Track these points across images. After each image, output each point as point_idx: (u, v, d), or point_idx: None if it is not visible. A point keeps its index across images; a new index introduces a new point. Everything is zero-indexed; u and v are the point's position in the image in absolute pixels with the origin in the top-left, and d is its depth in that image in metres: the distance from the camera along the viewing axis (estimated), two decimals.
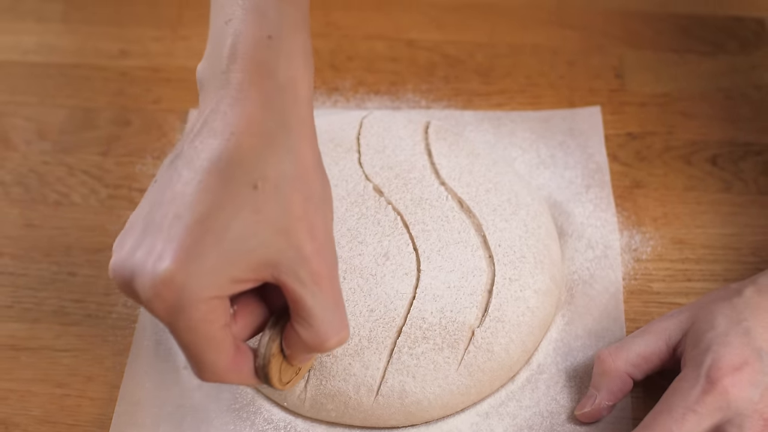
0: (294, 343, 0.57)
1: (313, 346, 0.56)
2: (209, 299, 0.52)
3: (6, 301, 0.76)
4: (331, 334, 0.56)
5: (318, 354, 0.61)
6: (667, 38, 0.92)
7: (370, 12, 0.96)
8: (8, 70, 0.93)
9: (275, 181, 0.54)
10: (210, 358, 0.54)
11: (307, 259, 0.54)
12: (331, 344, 0.56)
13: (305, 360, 0.59)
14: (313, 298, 0.55)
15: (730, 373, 0.59)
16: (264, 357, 0.57)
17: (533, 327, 0.69)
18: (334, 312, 0.56)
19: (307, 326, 0.55)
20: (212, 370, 0.55)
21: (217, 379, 0.56)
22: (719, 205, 0.79)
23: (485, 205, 0.73)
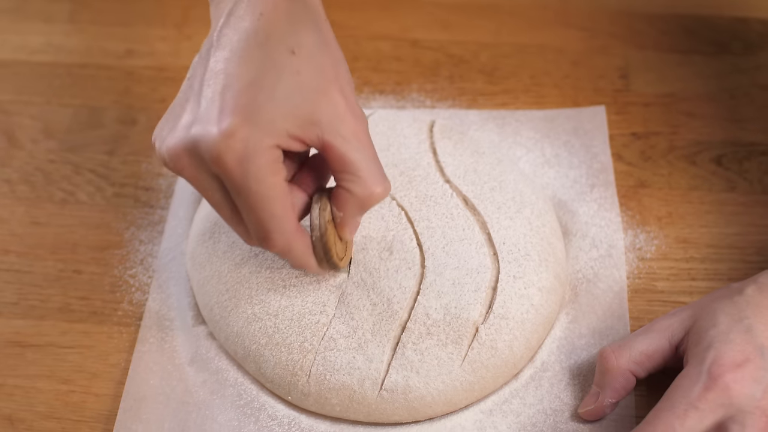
0: (345, 201, 0.62)
1: (363, 198, 0.61)
2: (271, 147, 0.58)
3: (12, 298, 0.76)
4: (377, 183, 0.61)
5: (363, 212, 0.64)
6: (671, 39, 0.92)
7: (375, 12, 0.96)
8: (15, 70, 0.93)
9: (309, 47, 0.60)
10: (279, 212, 0.59)
11: (344, 116, 0.60)
12: (378, 192, 0.61)
13: (354, 226, 0.64)
14: (357, 151, 0.60)
15: (731, 369, 0.59)
16: (320, 227, 0.62)
17: (537, 324, 0.69)
18: (375, 164, 0.62)
19: (355, 179, 0.61)
20: (282, 228, 0.60)
21: (286, 242, 0.61)
22: (723, 204, 0.79)
23: (490, 203, 0.73)
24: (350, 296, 0.69)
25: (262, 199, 0.58)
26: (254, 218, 0.60)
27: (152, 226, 0.80)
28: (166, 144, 0.60)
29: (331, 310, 0.68)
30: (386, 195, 0.62)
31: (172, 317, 0.74)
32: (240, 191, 0.58)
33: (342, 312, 0.68)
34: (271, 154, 0.58)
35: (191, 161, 0.59)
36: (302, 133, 0.59)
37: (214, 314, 0.71)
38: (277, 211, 0.59)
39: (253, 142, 0.57)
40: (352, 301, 0.68)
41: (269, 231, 0.60)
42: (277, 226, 0.60)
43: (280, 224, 0.60)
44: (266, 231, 0.60)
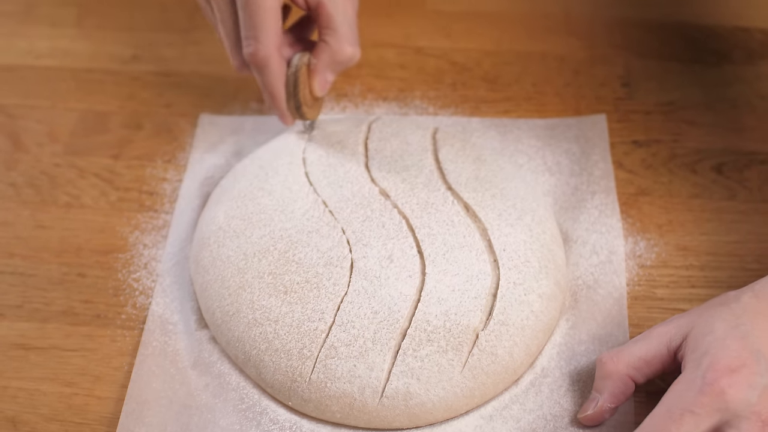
0: (321, 50, 0.76)
1: (335, 50, 0.75)
2: None
3: (16, 301, 0.77)
4: (350, 43, 0.75)
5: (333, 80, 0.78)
6: (673, 48, 0.93)
7: (379, 20, 0.97)
8: (21, 74, 0.94)
9: None
10: (267, 21, 0.72)
11: None
12: (349, 51, 0.75)
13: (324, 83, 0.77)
14: (341, 15, 0.75)
15: (727, 374, 0.59)
16: (296, 65, 0.75)
17: (537, 331, 0.70)
18: (353, 30, 0.76)
19: (333, 33, 0.75)
20: (264, 38, 0.72)
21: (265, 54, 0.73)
22: (724, 212, 0.80)
23: (491, 210, 0.74)
24: (351, 304, 0.69)
25: (256, 5, 0.71)
26: (246, 21, 0.72)
27: (156, 230, 0.81)
28: None
29: (329, 317, 0.69)
30: (354, 57, 0.76)
31: (176, 321, 0.74)
32: None
33: (343, 320, 0.68)
34: None
35: None
36: None
37: (215, 318, 0.71)
38: (265, 20, 0.72)
39: None
40: (353, 310, 0.69)
41: (255, 37, 0.72)
42: (262, 35, 0.72)
43: (266, 34, 0.72)
44: (254, 36, 0.72)
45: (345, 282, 0.70)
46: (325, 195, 0.75)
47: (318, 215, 0.74)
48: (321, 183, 0.76)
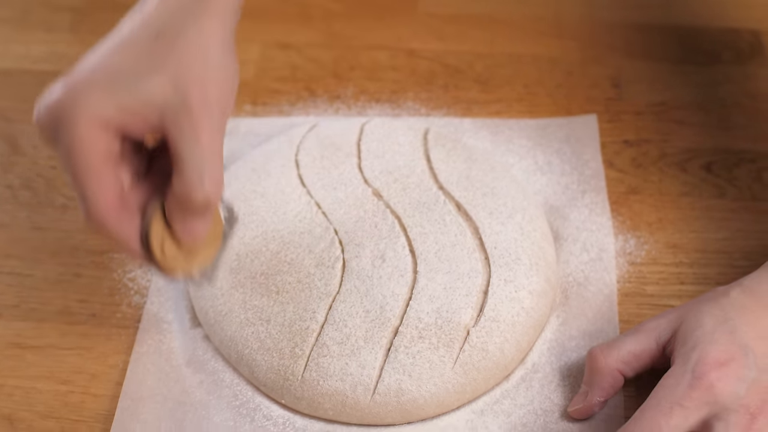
0: (169, 197, 0.60)
1: (180, 195, 0.59)
2: (92, 119, 0.57)
3: (13, 301, 0.77)
4: (198, 186, 0.58)
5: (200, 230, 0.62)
6: (663, 49, 0.93)
7: (371, 23, 0.98)
8: (18, 78, 0.95)
9: (174, 35, 0.59)
10: (90, 187, 0.58)
11: (191, 109, 0.58)
12: (197, 198, 0.58)
13: (185, 231, 0.61)
14: (189, 148, 0.58)
15: (715, 368, 0.60)
16: (147, 218, 0.61)
17: (528, 327, 0.70)
18: (206, 166, 0.58)
19: (179, 175, 0.58)
20: (92, 204, 0.58)
21: (98, 220, 0.59)
22: (713, 210, 0.80)
23: (482, 209, 0.74)
24: (344, 303, 0.70)
25: (73, 170, 0.58)
26: (69, 182, 0.59)
27: None
28: None
29: (321, 316, 0.69)
30: (210, 202, 0.59)
31: (170, 320, 0.75)
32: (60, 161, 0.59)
33: (335, 319, 0.69)
34: (90, 125, 0.57)
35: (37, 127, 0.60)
36: (142, 114, 0.58)
37: (209, 318, 0.72)
38: (87, 185, 0.58)
39: (70, 110, 0.57)
40: (345, 309, 0.69)
41: (82, 204, 0.59)
42: (88, 200, 0.58)
43: (91, 199, 0.58)
44: (81, 204, 0.59)
45: (337, 282, 0.71)
46: (319, 196, 0.76)
47: (310, 216, 0.75)
48: (314, 185, 0.77)
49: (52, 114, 0.57)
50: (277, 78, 0.93)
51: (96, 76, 0.58)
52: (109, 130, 0.58)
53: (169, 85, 0.58)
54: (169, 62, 0.58)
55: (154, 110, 0.58)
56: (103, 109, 0.57)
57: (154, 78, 0.58)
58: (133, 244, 0.61)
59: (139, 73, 0.58)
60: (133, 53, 0.59)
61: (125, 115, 0.58)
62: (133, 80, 0.58)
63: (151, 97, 0.58)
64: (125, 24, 0.61)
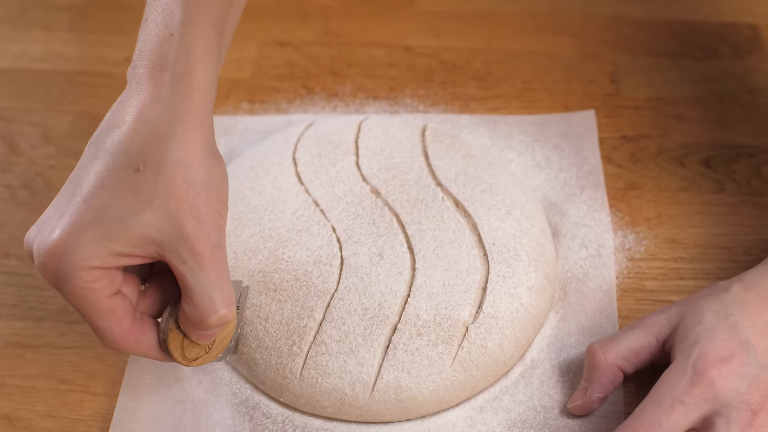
0: (182, 317, 0.62)
1: (196, 322, 0.61)
2: (90, 269, 0.57)
3: (12, 300, 0.77)
4: (211, 311, 0.60)
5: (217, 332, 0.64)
6: (661, 44, 0.93)
7: (368, 20, 0.98)
8: (15, 78, 0.95)
9: (155, 165, 0.59)
10: (102, 324, 0.60)
11: (188, 239, 0.58)
12: (212, 321, 0.60)
13: (202, 337, 0.63)
14: (194, 276, 0.59)
15: (716, 364, 0.60)
16: (163, 331, 0.63)
17: (526, 323, 0.70)
18: (215, 291, 0.59)
19: (189, 302, 0.60)
20: (108, 336, 0.60)
21: (116, 347, 0.61)
22: (712, 205, 0.80)
23: (480, 205, 0.74)
24: (342, 301, 0.70)
25: (82, 313, 0.59)
26: (88, 321, 0.60)
27: None
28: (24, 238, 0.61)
29: (318, 314, 0.69)
30: (225, 321, 0.61)
31: None
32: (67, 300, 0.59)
33: (333, 317, 0.69)
34: (88, 275, 0.57)
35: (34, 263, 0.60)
36: (140, 251, 0.58)
37: None
38: (99, 324, 0.60)
39: (66, 262, 0.57)
40: (343, 306, 0.69)
41: (99, 337, 0.61)
42: (103, 335, 0.60)
43: (106, 333, 0.60)
44: (98, 336, 0.61)
45: (335, 279, 0.71)
46: (317, 194, 0.76)
47: (308, 214, 0.74)
48: (312, 182, 0.77)
49: (49, 264, 0.58)
50: (274, 76, 0.93)
51: (85, 219, 0.58)
52: (110, 272, 0.59)
53: (162, 219, 0.58)
54: (156, 196, 0.58)
55: (150, 245, 0.58)
56: (100, 257, 0.57)
57: (145, 215, 0.58)
58: (153, 355, 0.63)
59: (128, 212, 0.58)
60: (116, 189, 0.58)
61: (122, 256, 0.58)
62: (125, 220, 0.58)
63: (146, 234, 0.58)
64: (103, 147, 0.60)
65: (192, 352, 0.64)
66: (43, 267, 0.58)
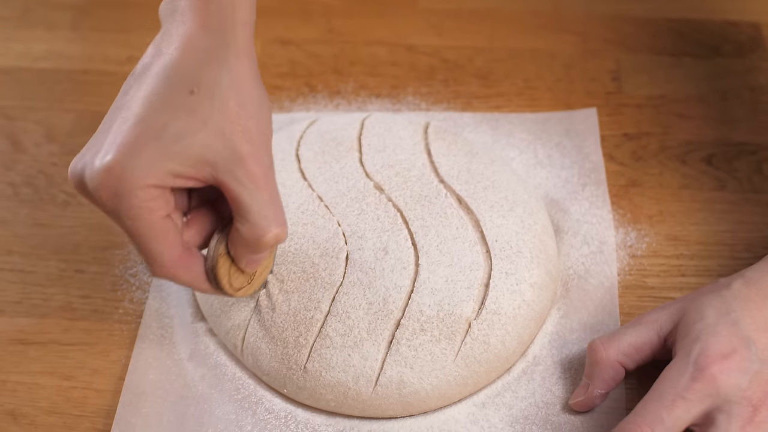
0: (236, 241, 0.62)
1: (251, 241, 0.61)
2: (147, 187, 0.58)
3: (15, 297, 0.78)
4: (267, 229, 0.61)
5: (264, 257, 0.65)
6: (663, 42, 0.94)
7: (371, 18, 0.98)
8: (18, 76, 0.95)
9: (210, 87, 0.60)
10: (155, 248, 0.60)
11: (243, 159, 0.59)
12: (268, 239, 0.61)
13: (251, 263, 0.64)
14: (250, 195, 0.60)
15: (718, 360, 0.60)
16: (212, 258, 0.63)
17: (529, 320, 0.70)
18: (269, 209, 0.61)
19: (245, 222, 0.61)
20: (160, 261, 0.61)
21: (167, 273, 0.62)
22: (714, 203, 0.81)
23: (483, 202, 0.75)
24: (347, 295, 0.70)
25: (137, 234, 0.59)
26: (137, 250, 0.61)
27: None
28: (69, 167, 0.61)
29: (325, 306, 0.69)
30: (280, 240, 0.62)
31: (172, 314, 0.75)
32: (118, 224, 0.60)
33: (338, 310, 0.69)
34: (145, 193, 0.58)
35: (81, 188, 0.60)
36: (194, 172, 0.59)
37: (214, 309, 0.72)
38: (153, 247, 0.60)
39: (125, 180, 0.57)
40: (348, 300, 0.70)
41: (149, 262, 0.61)
42: (155, 259, 0.61)
43: (158, 258, 0.61)
44: (147, 261, 0.61)
45: (341, 273, 0.71)
46: (321, 190, 0.76)
47: (313, 209, 0.75)
48: (316, 179, 0.77)
49: (107, 184, 0.58)
50: (277, 74, 0.94)
51: (141, 139, 0.58)
52: (165, 192, 0.59)
53: (217, 140, 0.59)
54: (211, 118, 0.59)
55: (206, 166, 0.59)
56: (158, 174, 0.58)
57: (200, 136, 0.58)
58: (200, 284, 0.64)
59: (185, 132, 0.58)
60: (171, 110, 0.59)
61: (179, 176, 0.59)
62: (181, 140, 0.58)
63: (202, 155, 0.59)
64: (150, 73, 0.60)
65: (237, 280, 0.66)
66: (101, 188, 0.58)
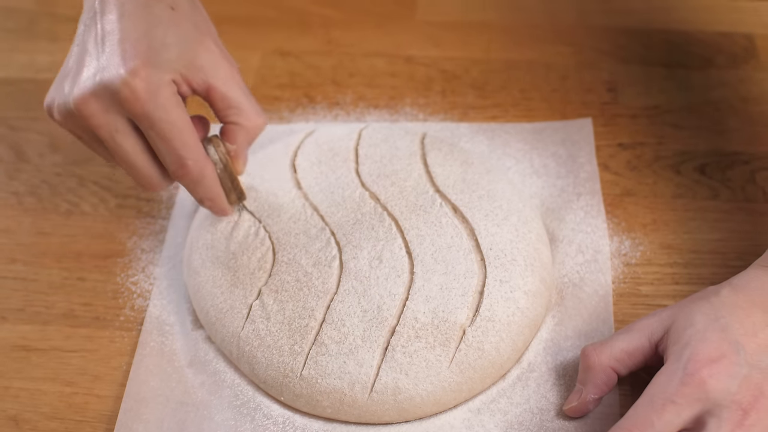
0: (235, 134, 0.72)
1: (249, 128, 0.72)
2: (170, 83, 0.67)
3: (18, 305, 0.79)
4: (259, 115, 0.72)
5: None
6: (657, 53, 0.95)
7: (370, 30, 0.99)
8: (23, 87, 0.97)
9: (184, 6, 0.70)
10: (189, 138, 0.68)
11: (220, 62, 0.70)
12: (261, 123, 0.72)
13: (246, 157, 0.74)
14: (236, 90, 0.70)
15: (707, 365, 0.61)
16: (221, 160, 0.72)
17: (523, 327, 0.71)
18: (253, 100, 0.72)
19: (239, 112, 0.71)
20: (194, 155, 0.68)
21: (199, 168, 0.69)
22: (707, 212, 0.81)
23: (478, 211, 0.76)
24: (342, 303, 0.71)
25: (173, 128, 0.67)
26: (169, 148, 0.68)
27: (154, 235, 0.83)
28: (73, 95, 0.67)
29: (319, 314, 0.70)
30: (264, 127, 0.73)
31: (172, 322, 0.76)
32: (153, 123, 0.66)
33: (333, 318, 0.70)
34: (171, 88, 0.67)
35: (101, 106, 0.66)
36: (190, 75, 0.68)
37: (210, 317, 0.73)
38: (188, 139, 0.68)
39: (155, 77, 0.65)
40: (343, 308, 0.71)
41: (184, 158, 0.68)
42: (191, 153, 0.68)
43: (193, 151, 0.68)
44: (181, 158, 0.68)
45: (334, 281, 0.72)
46: (316, 200, 0.77)
47: (305, 218, 0.76)
48: (312, 188, 0.78)
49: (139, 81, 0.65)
50: (276, 85, 0.95)
51: (152, 49, 0.66)
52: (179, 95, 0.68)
53: (201, 49, 0.69)
54: (192, 30, 0.69)
55: (199, 72, 0.68)
56: (173, 74, 0.67)
57: (191, 45, 0.68)
58: (217, 187, 0.72)
59: (179, 43, 0.68)
60: (163, 26, 0.68)
61: (185, 80, 0.68)
62: (179, 49, 0.67)
63: (196, 61, 0.68)
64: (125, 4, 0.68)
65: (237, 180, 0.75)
66: (136, 87, 0.65)
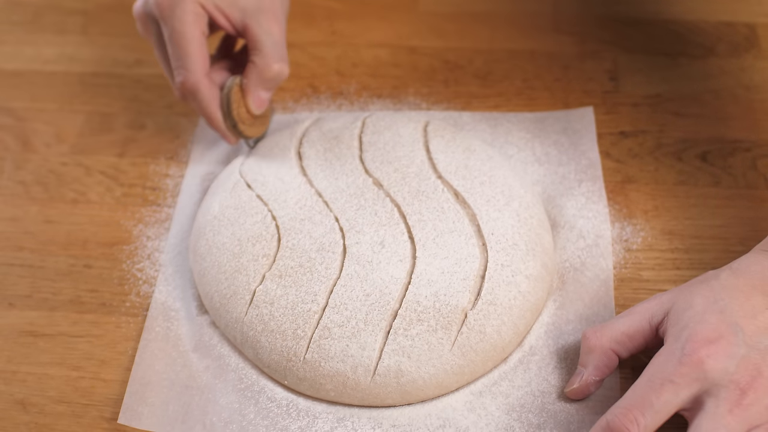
0: (249, 70, 0.80)
1: (261, 68, 0.79)
2: (196, 3, 0.77)
3: (26, 291, 0.80)
4: (276, 60, 0.79)
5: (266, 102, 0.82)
6: (659, 43, 0.95)
7: (374, 21, 1.00)
8: (30, 79, 0.98)
9: None
10: (193, 51, 0.77)
11: (264, 11, 0.79)
12: (275, 68, 0.79)
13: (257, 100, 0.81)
14: (267, 36, 0.79)
15: (705, 345, 0.62)
16: (228, 86, 0.79)
17: (525, 310, 0.72)
18: (279, 48, 0.80)
19: (258, 53, 0.79)
20: (193, 67, 0.77)
21: (194, 81, 0.78)
22: (708, 198, 0.82)
23: (479, 197, 0.76)
24: (344, 288, 0.72)
25: (182, 38, 0.76)
26: (173, 53, 0.77)
27: (159, 223, 0.84)
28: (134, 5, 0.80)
29: (322, 299, 0.71)
30: (283, 73, 0.80)
31: (177, 307, 0.77)
32: (167, 30, 0.76)
33: (336, 302, 0.71)
34: (194, 7, 0.76)
35: (145, 18, 0.79)
36: (228, 10, 0.78)
37: (214, 302, 0.74)
38: (190, 50, 0.77)
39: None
40: (345, 292, 0.71)
41: (182, 65, 0.77)
42: (189, 63, 0.77)
43: (192, 62, 0.77)
44: (180, 64, 0.77)
45: (337, 266, 0.73)
46: (321, 186, 0.78)
47: (311, 204, 0.77)
48: (317, 175, 0.79)
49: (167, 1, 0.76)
50: None
51: None
52: (205, 17, 0.78)
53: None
54: None
55: (238, 10, 0.78)
56: (206, 4, 0.77)
57: None
58: (214, 107, 0.79)
59: None
60: None
61: (218, 10, 0.78)
62: None
63: (239, 2, 0.78)
64: None
65: (243, 113, 0.81)
66: None
